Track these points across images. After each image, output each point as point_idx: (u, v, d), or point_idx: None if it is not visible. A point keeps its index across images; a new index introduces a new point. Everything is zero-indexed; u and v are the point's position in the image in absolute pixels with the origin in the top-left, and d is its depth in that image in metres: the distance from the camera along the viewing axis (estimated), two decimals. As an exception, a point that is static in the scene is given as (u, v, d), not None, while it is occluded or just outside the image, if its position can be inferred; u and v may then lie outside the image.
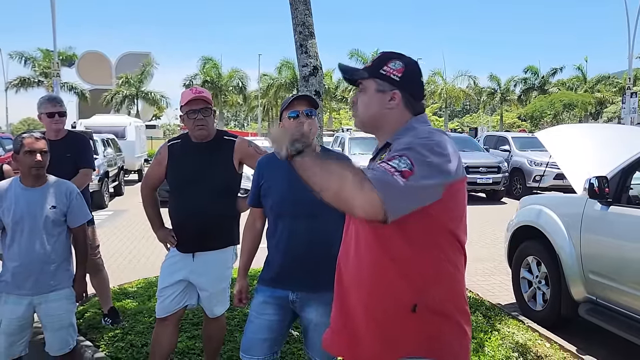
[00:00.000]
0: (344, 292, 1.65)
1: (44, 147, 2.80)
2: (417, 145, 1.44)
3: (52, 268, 2.82)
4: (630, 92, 21.69)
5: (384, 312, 1.54)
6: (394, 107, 1.60)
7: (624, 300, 3.64)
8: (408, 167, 1.37)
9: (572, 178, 4.44)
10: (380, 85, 1.61)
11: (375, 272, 1.53)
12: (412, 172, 1.37)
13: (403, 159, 1.39)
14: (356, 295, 1.60)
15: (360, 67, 1.69)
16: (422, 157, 1.41)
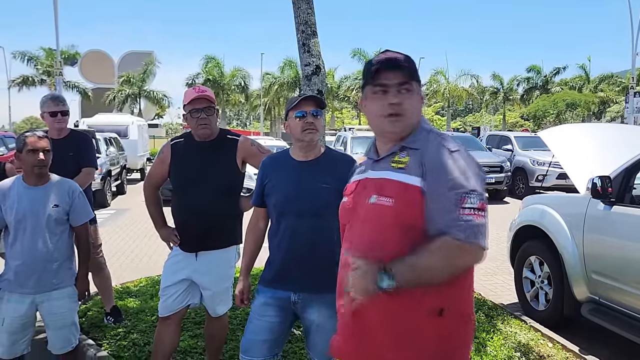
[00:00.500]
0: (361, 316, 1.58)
1: (46, 146, 2.80)
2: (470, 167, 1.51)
3: (54, 266, 2.83)
4: (633, 92, 21.63)
5: (411, 317, 1.52)
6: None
7: (626, 300, 3.63)
8: (480, 199, 1.46)
9: (574, 178, 4.43)
10: (417, 88, 1.61)
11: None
12: (483, 201, 1.47)
13: (473, 195, 1.45)
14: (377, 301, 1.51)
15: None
16: (480, 180, 1.51)
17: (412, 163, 1.54)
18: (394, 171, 1.56)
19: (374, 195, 1.57)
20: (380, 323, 1.55)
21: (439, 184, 1.47)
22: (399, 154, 1.59)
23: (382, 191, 1.55)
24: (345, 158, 2.43)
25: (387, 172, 1.58)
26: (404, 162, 1.56)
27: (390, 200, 1.52)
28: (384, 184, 1.57)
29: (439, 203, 1.46)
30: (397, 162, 1.58)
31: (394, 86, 1.56)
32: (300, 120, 2.26)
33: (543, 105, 36.18)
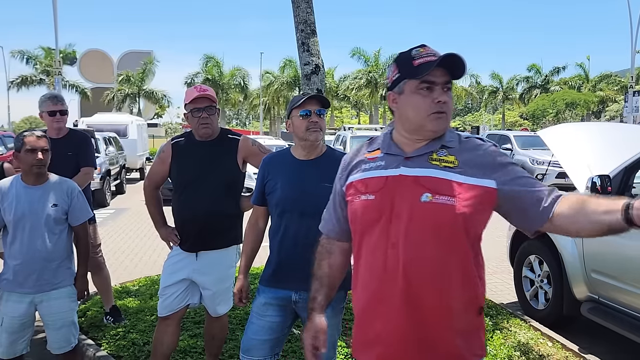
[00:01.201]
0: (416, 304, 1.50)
1: (45, 145, 2.80)
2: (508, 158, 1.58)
3: (53, 266, 2.82)
4: (632, 91, 21.62)
5: (466, 317, 1.53)
6: None
7: (626, 299, 3.63)
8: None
9: (574, 177, 4.43)
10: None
11: (463, 278, 1.51)
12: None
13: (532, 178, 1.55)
14: (437, 306, 1.49)
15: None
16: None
17: (463, 164, 1.52)
18: (442, 169, 1.52)
19: (426, 193, 1.49)
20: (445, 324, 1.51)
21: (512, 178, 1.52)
22: (437, 152, 1.55)
23: (438, 190, 1.49)
24: None
25: (433, 170, 1.52)
26: (452, 162, 1.53)
27: (450, 199, 1.47)
28: (435, 182, 1.50)
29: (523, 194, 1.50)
30: (439, 160, 1.54)
31: (440, 84, 1.53)
32: (304, 119, 2.26)
33: (542, 104, 36.23)
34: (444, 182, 1.50)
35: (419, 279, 1.50)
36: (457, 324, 1.51)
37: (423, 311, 1.50)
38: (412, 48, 1.57)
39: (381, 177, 1.58)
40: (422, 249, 1.49)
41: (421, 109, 1.53)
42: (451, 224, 1.48)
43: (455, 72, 1.54)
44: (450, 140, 1.57)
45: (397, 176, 1.55)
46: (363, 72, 37.69)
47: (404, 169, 1.55)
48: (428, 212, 1.49)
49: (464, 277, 1.51)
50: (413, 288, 1.49)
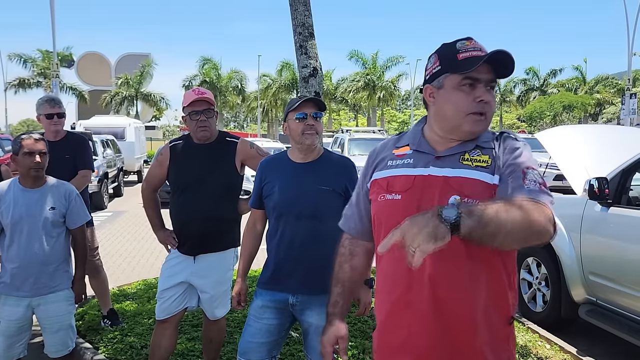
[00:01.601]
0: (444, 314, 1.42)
1: (42, 148, 2.79)
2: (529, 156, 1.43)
3: (51, 269, 2.82)
4: (629, 93, 21.72)
5: (496, 329, 1.44)
6: None
7: (624, 301, 3.63)
8: (542, 179, 1.38)
9: (571, 179, 4.44)
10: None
11: (493, 288, 1.42)
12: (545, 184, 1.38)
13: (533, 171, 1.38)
14: (466, 316, 1.41)
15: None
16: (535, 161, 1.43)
17: (493, 162, 1.42)
18: (474, 169, 1.42)
19: (456, 195, 1.38)
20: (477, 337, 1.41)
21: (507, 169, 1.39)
22: (469, 152, 1.44)
23: (467, 192, 1.38)
24: (344, 160, 2.43)
25: (464, 170, 1.42)
26: (485, 161, 1.42)
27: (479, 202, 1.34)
28: (465, 183, 1.40)
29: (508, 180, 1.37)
30: (472, 160, 1.43)
31: (485, 82, 1.42)
32: (300, 122, 2.26)
33: (540, 106, 36.34)
34: (474, 182, 1.40)
35: (445, 287, 1.41)
36: (485, 334, 1.42)
37: (450, 321, 1.42)
38: (457, 40, 1.46)
39: (409, 177, 1.47)
40: (448, 256, 1.33)
41: (461, 106, 1.42)
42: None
43: (501, 70, 1.42)
44: (485, 140, 1.46)
45: (426, 176, 1.45)
46: (361, 74, 37.75)
47: (433, 168, 1.45)
48: None
49: (493, 287, 1.42)
50: (440, 297, 1.41)
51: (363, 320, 3.94)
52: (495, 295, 1.42)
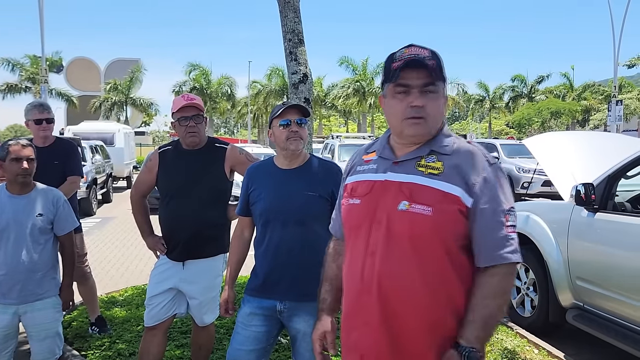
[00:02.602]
0: (391, 317, 1.47)
1: (30, 154, 2.77)
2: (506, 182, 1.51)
3: (38, 276, 2.79)
4: (615, 100, 21.97)
5: (447, 333, 1.45)
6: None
7: (610, 306, 3.67)
8: (515, 215, 1.49)
9: (559, 185, 4.48)
10: (444, 90, 1.52)
11: (444, 292, 1.45)
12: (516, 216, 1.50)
13: (512, 211, 1.48)
14: (413, 320, 1.45)
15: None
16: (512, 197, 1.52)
17: (449, 170, 1.46)
18: (426, 176, 1.46)
19: (404, 201, 1.45)
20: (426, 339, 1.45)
21: (486, 201, 1.44)
22: (425, 157, 1.49)
23: (416, 198, 1.44)
24: (330, 165, 2.44)
25: (416, 176, 1.47)
26: (437, 168, 1.47)
27: (428, 208, 1.42)
28: (415, 189, 1.45)
29: (488, 220, 1.44)
30: (426, 166, 1.48)
31: (417, 87, 1.46)
32: (284, 128, 2.27)
33: (528, 113, 36.65)
34: (424, 189, 1.45)
35: (394, 291, 1.45)
36: (438, 339, 1.45)
37: (399, 325, 1.46)
38: (400, 48, 1.51)
39: (369, 182, 1.55)
40: (398, 260, 1.44)
41: (398, 113, 1.48)
42: (427, 235, 1.43)
43: (438, 72, 1.46)
44: (443, 145, 1.50)
45: (384, 182, 1.51)
46: (351, 80, 37.86)
47: (390, 174, 1.51)
48: (405, 221, 1.44)
49: (444, 292, 1.44)
50: (389, 301, 1.46)
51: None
52: (446, 301, 1.45)
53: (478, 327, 1.41)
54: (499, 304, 1.44)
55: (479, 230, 1.44)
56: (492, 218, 1.44)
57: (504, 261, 1.44)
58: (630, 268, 3.44)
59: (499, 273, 1.44)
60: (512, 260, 1.45)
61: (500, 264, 1.44)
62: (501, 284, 1.44)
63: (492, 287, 1.43)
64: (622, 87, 34.33)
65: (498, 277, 1.43)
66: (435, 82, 1.47)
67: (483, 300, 1.42)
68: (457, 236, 1.45)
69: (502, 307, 1.44)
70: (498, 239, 1.44)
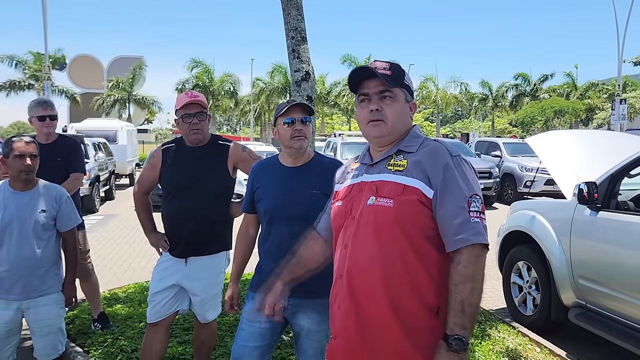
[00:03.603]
0: (357, 301, 1.59)
1: (33, 151, 2.78)
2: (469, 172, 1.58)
3: (41, 272, 2.80)
4: (619, 99, 21.90)
5: (412, 315, 1.53)
6: (411, 117, 1.71)
7: (613, 305, 3.66)
8: (480, 202, 1.56)
9: (561, 184, 4.48)
10: (406, 95, 1.68)
11: (406, 276, 1.53)
12: (482, 203, 1.57)
13: (476, 198, 1.54)
14: (377, 301, 1.55)
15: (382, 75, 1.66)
16: (478, 185, 1.59)
17: (411, 166, 1.59)
18: (392, 173, 1.61)
19: (372, 196, 1.60)
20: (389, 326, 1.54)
21: (446, 189, 1.53)
22: (394, 157, 1.64)
23: (380, 192, 1.59)
24: (334, 163, 2.44)
25: (383, 174, 1.62)
26: (402, 165, 1.60)
27: (389, 201, 1.56)
28: (381, 185, 1.60)
29: (449, 208, 1.52)
30: (393, 164, 1.62)
31: (375, 94, 1.64)
32: (289, 127, 2.27)
33: (531, 112, 36.54)
34: (388, 184, 1.59)
35: (358, 275, 1.59)
36: (408, 326, 1.53)
37: (365, 312, 1.57)
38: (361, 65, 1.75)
39: (350, 185, 1.72)
40: (363, 250, 1.58)
41: (362, 119, 1.68)
42: (389, 226, 1.55)
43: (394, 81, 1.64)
44: (409, 145, 1.65)
45: (360, 183, 1.68)
46: (354, 78, 37.76)
47: (365, 175, 1.68)
48: (371, 214, 1.58)
49: (405, 276, 1.53)
50: (355, 289, 1.59)
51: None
52: (411, 289, 1.53)
53: (456, 314, 1.47)
54: (471, 288, 1.47)
55: (440, 217, 1.53)
56: (453, 204, 1.52)
57: (466, 243, 1.48)
58: (633, 267, 3.43)
59: (463, 257, 1.49)
60: (473, 241, 1.49)
61: (463, 246, 1.49)
62: (468, 268, 1.48)
63: (459, 272, 1.48)
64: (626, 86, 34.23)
65: (464, 261, 1.48)
66: (391, 89, 1.64)
67: (455, 287, 1.48)
68: (419, 224, 1.54)
69: (475, 291, 1.48)
70: (459, 224, 1.50)
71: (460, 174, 1.56)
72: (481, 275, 1.51)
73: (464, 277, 1.48)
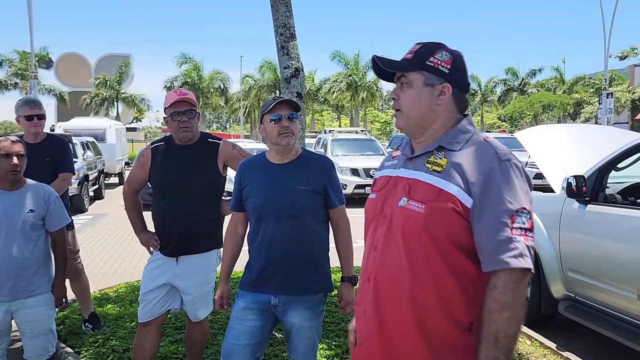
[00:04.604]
0: (381, 310, 1.47)
1: (20, 150, 2.75)
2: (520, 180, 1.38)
3: (30, 273, 2.78)
4: (606, 93, 22.11)
5: (439, 332, 1.40)
6: (444, 102, 1.48)
7: (601, 297, 3.71)
8: (528, 218, 1.35)
9: (550, 177, 4.51)
10: (428, 78, 1.47)
11: (434, 290, 1.39)
12: (531, 219, 1.36)
13: (522, 213, 1.34)
14: (402, 313, 1.42)
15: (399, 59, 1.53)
16: (529, 197, 1.38)
17: (451, 167, 1.41)
18: (429, 173, 1.44)
19: (404, 197, 1.44)
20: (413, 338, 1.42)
21: (486, 199, 1.35)
22: (435, 153, 1.47)
23: (413, 194, 1.43)
24: (322, 159, 2.44)
25: (420, 172, 1.46)
26: (441, 165, 1.43)
27: (421, 205, 1.40)
28: (415, 185, 1.45)
29: (488, 222, 1.34)
30: (432, 163, 1.45)
31: (396, 81, 1.52)
32: (275, 123, 2.26)
33: (520, 106, 36.79)
34: (422, 186, 1.43)
35: (386, 287, 1.45)
36: (435, 343, 1.40)
37: (390, 322, 1.45)
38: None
39: (387, 177, 1.57)
40: (392, 256, 1.44)
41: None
42: (417, 234, 1.40)
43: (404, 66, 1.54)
44: (452, 141, 1.47)
45: (396, 177, 1.53)
46: (343, 75, 37.82)
47: (402, 170, 1.52)
48: (401, 217, 1.43)
49: (434, 291, 1.39)
50: (381, 296, 1.46)
51: (347, 319, 3.96)
52: (439, 301, 1.39)
53: (488, 346, 1.32)
54: (507, 317, 1.31)
55: (479, 232, 1.36)
56: (494, 219, 1.33)
57: (504, 266, 1.30)
58: (620, 259, 3.47)
59: (500, 281, 1.32)
60: (512, 265, 1.30)
61: (500, 269, 1.31)
62: (505, 295, 1.31)
63: (495, 298, 1.32)
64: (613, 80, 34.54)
65: (500, 286, 1.32)
66: (405, 74, 1.49)
67: (489, 315, 1.33)
68: (452, 237, 1.38)
69: (512, 321, 1.31)
70: (498, 242, 1.32)
71: (506, 182, 1.35)
72: (521, 302, 1.33)
73: (499, 305, 1.31)
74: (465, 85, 1.53)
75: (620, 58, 27.68)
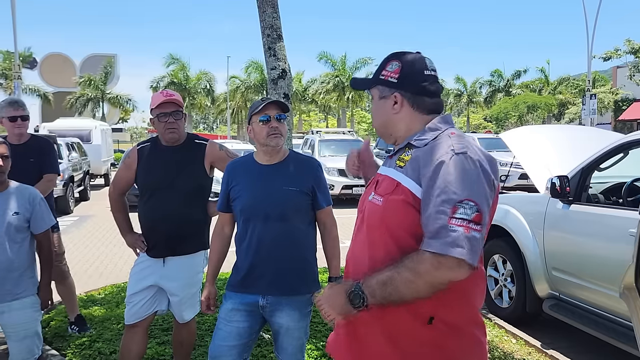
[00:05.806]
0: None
1: (4, 151, 2.73)
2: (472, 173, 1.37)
3: (15, 276, 2.75)
4: (589, 94, 22.38)
5: (403, 330, 1.45)
6: (398, 110, 1.55)
7: (584, 295, 3.76)
8: (475, 210, 1.33)
9: (534, 178, 4.57)
10: (381, 91, 1.58)
11: None
12: (480, 212, 1.34)
13: (468, 204, 1.33)
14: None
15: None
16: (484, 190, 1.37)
17: (410, 161, 1.47)
18: (395, 169, 1.51)
19: (372, 192, 1.55)
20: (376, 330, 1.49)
21: (431, 189, 1.37)
22: (405, 150, 1.53)
23: (377, 188, 1.53)
24: (309, 161, 2.45)
25: (390, 169, 1.54)
26: (405, 160, 1.50)
27: (380, 199, 1.49)
28: (381, 180, 1.55)
29: (429, 211, 1.36)
30: (400, 159, 1.52)
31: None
32: (264, 124, 2.27)
33: (505, 107, 37.11)
34: (386, 181, 1.52)
35: (352, 276, 1.56)
36: (391, 333, 1.46)
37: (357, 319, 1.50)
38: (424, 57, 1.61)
39: (376, 174, 1.66)
40: (359, 247, 1.56)
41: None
42: (377, 226, 1.49)
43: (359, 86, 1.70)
44: (420, 138, 1.51)
45: (377, 174, 1.63)
46: (330, 75, 37.87)
47: (382, 167, 1.63)
48: (366, 211, 1.56)
49: None
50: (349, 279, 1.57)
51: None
52: None
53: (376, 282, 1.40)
54: (406, 278, 1.35)
55: (422, 221, 1.39)
56: (435, 208, 1.34)
57: (430, 249, 1.33)
58: (603, 258, 3.53)
59: (424, 256, 1.34)
60: (434, 250, 1.31)
61: (427, 250, 1.34)
62: (418, 265, 1.34)
63: (410, 260, 1.36)
64: (596, 81, 34.98)
65: (423, 259, 1.34)
66: (369, 90, 1.63)
67: (400, 266, 1.37)
68: (407, 228, 1.42)
69: (407, 283, 1.35)
70: (435, 229, 1.33)
71: (456, 173, 1.35)
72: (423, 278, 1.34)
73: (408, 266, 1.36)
74: (420, 87, 1.55)
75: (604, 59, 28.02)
